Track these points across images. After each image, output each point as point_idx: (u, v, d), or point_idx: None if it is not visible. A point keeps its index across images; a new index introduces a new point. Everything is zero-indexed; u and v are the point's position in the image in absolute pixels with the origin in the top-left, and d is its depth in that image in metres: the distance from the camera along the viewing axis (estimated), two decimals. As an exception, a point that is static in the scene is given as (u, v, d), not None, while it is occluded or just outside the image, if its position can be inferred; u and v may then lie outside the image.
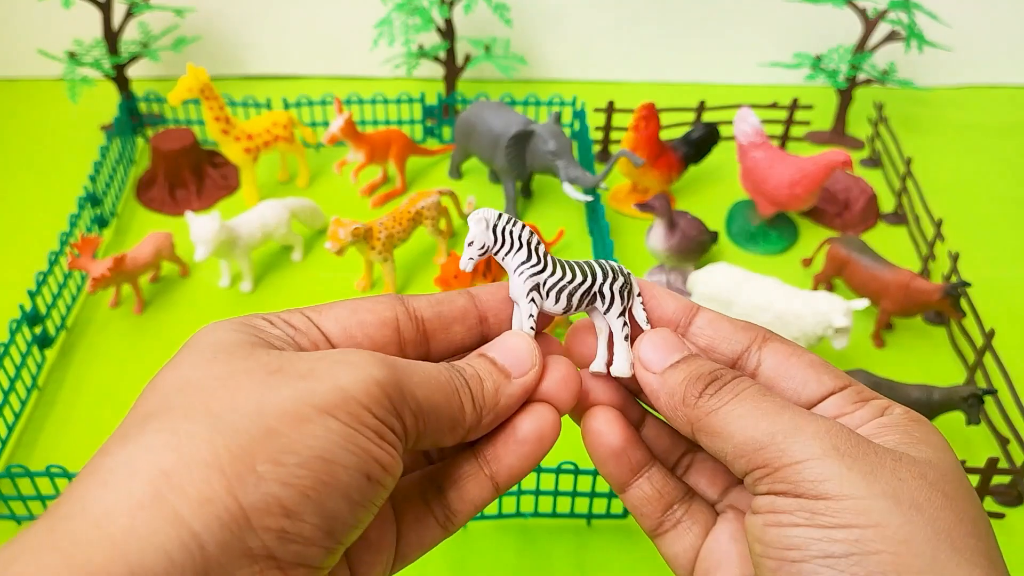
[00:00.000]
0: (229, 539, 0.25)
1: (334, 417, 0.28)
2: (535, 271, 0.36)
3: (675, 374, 0.34)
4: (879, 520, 0.28)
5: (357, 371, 0.29)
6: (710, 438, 0.33)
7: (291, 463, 0.27)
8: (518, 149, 1.17)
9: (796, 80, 1.46)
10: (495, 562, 0.83)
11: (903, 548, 0.27)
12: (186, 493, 0.25)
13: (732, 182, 1.27)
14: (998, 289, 1.12)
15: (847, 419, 0.33)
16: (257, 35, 1.54)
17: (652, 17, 1.51)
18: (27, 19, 1.49)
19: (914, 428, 0.32)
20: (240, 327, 0.31)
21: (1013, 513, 0.86)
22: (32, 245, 1.17)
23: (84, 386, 1.00)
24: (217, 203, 1.27)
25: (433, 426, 0.32)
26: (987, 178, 1.35)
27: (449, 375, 0.33)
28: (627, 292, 0.36)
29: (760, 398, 0.32)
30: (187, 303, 1.11)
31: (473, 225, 0.36)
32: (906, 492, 0.28)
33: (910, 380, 0.91)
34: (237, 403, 0.27)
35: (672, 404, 0.34)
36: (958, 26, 1.41)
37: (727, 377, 0.33)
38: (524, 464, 0.35)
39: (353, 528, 0.29)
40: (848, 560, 0.27)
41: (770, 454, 0.30)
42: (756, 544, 0.30)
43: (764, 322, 0.95)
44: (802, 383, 0.34)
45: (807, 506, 0.29)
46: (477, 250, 0.36)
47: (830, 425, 0.30)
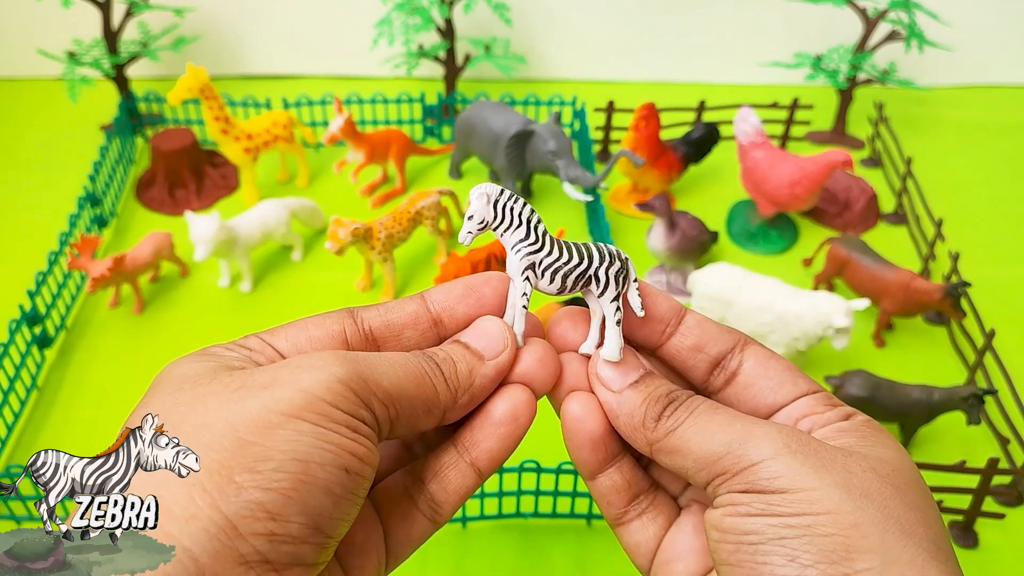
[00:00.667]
0: (220, 549, 0.26)
1: (302, 419, 0.29)
2: (532, 250, 0.36)
3: (634, 396, 0.35)
4: (830, 508, 0.29)
5: (317, 372, 0.30)
6: (670, 456, 0.34)
7: (267, 469, 0.28)
8: (518, 149, 1.17)
9: (796, 80, 1.46)
10: (495, 562, 0.83)
11: (853, 531, 0.29)
12: (172, 512, 0.27)
13: (732, 182, 1.27)
14: (998, 289, 1.12)
15: (813, 419, 0.35)
16: (257, 35, 1.54)
17: (652, 17, 1.51)
18: (26, 19, 1.49)
19: (870, 433, 0.34)
20: (200, 357, 0.32)
21: (1013, 513, 0.86)
22: (32, 245, 1.17)
23: (84, 386, 1.00)
24: (217, 203, 1.27)
25: (406, 411, 0.33)
26: (987, 178, 1.35)
27: (417, 360, 0.34)
28: (622, 277, 0.36)
29: (712, 413, 0.34)
30: (187, 303, 1.11)
31: (474, 199, 0.35)
32: (856, 483, 0.30)
33: (910, 380, 0.91)
34: (206, 422, 0.29)
35: (632, 425, 0.35)
36: (958, 26, 1.41)
37: (682, 397, 0.35)
38: (503, 446, 0.36)
39: (340, 521, 0.30)
40: (801, 540, 0.29)
41: (728, 462, 0.32)
42: (713, 531, 0.32)
43: (764, 322, 0.95)
44: (779, 383, 0.36)
45: (764, 499, 0.31)
46: (476, 224, 0.36)
47: (780, 428, 0.32)
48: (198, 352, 0.33)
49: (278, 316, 1.09)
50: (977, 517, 0.84)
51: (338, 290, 1.13)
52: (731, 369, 0.37)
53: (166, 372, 0.32)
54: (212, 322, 1.08)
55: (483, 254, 1.03)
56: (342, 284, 1.13)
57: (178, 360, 0.33)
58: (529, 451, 0.83)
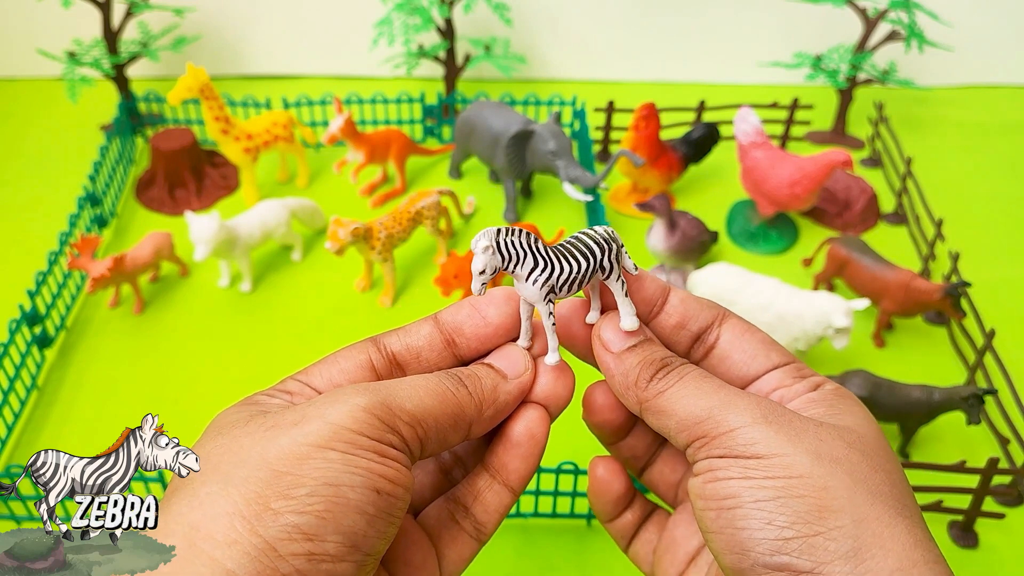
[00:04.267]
0: (261, 570, 0.28)
1: (331, 449, 0.31)
2: (547, 276, 0.37)
3: (631, 357, 0.37)
4: (802, 472, 0.32)
5: (342, 405, 0.32)
6: (656, 416, 0.36)
7: (301, 494, 0.30)
8: (518, 149, 1.17)
9: (796, 80, 1.46)
10: (495, 562, 0.83)
11: (824, 493, 0.31)
12: (214, 539, 0.29)
13: (732, 182, 1.27)
14: (998, 289, 1.12)
15: (785, 390, 0.37)
16: (257, 35, 1.54)
17: (652, 17, 1.51)
18: (26, 19, 1.49)
19: (839, 402, 0.36)
20: (242, 408, 0.35)
21: (1013, 513, 0.86)
22: (32, 245, 1.17)
23: (84, 386, 1.00)
24: (217, 203, 1.27)
25: (434, 428, 0.35)
26: (987, 178, 1.35)
27: (438, 379, 0.36)
28: (619, 255, 0.38)
29: (701, 380, 0.36)
30: (187, 303, 1.11)
31: (479, 253, 0.36)
32: (826, 449, 0.33)
33: (910, 380, 0.91)
34: (242, 459, 0.31)
35: (625, 384, 0.37)
36: (958, 26, 1.41)
37: (675, 363, 0.37)
38: (527, 464, 0.38)
39: (376, 540, 0.31)
40: (776, 503, 0.31)
41: (708, 426, 0.34)
42: (698, 500, 0.34)
43: (764, 322, 0.95)
44: (752, 356, 0.38)
45: (740, 464, 0.33)
46: (490, 276, 0.36)
47: (759, 399, 0.35)
48: (242, 401, 0.36)
49: (278, 316, 1.09)
50: (977, 517, 0.84)
51: (338, 290, 1.13)
52: (709, 343, 0.39)
53: (212, 423, 0.35)
54: (212, 322, 1.08)
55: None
56: (342, 284, 1.13)
57: (224, 411, 0.35)
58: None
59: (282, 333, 1.07)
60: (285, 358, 1.03)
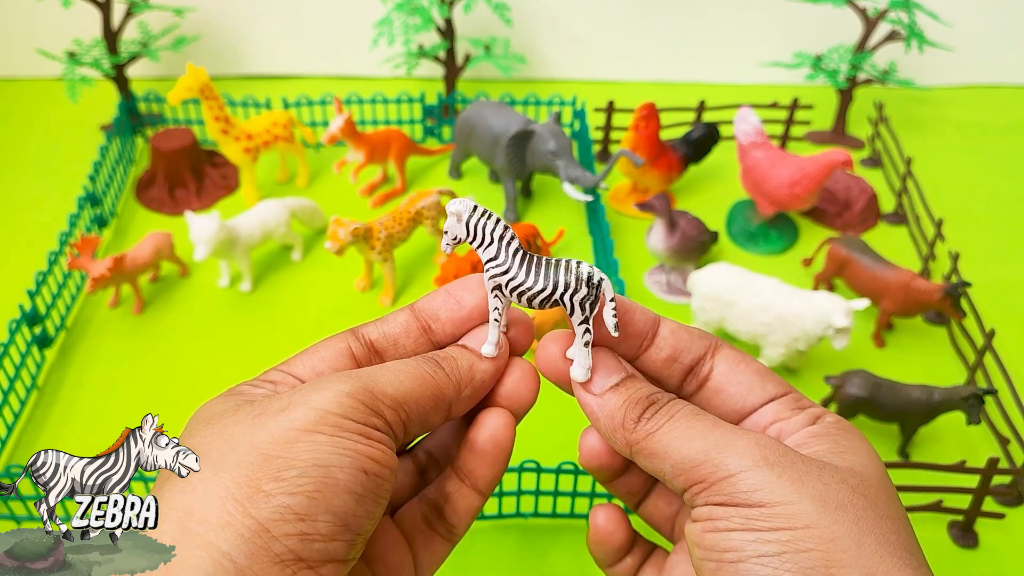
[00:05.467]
0: (255, 551, 0.29)
1: (318, 432, 0.31)
2: (499, 271, 0.36)
3: (615, 398, 0.36)
4: (808, 522, 0.30)
5: (326, 391, 0.33)
6: (648, 459, 0.35)
7: (291, 476, 0.30)
8: (518, 149, 1.17)
9: (796, 80, 1.46)
10: (495, 562, 0.83)
11: (831, 545, 0.30)
12: (208, 522, 0.29)
13: (732, 182, 1.27)
14: (998, 289, 1.12)
15: (783, 424, 0.36)
16: (257, 35, 1.54)
17: (652, 17, 1.51)
18: (26, 19, 1.49)
19: (842, 437, 0.34)
20: (227, 398, 0.35)
21: (1013, 513, 0.86)
22: (32, 245, 1.17)
23: (84, 386, 1.00)
24: (217, 203, 1.27)
25: (416, 411, 0.35)
26: (987, 178, 1.35)
27: (416, 363, 0.36)
28: (589, 304, 0.36)
29: (693, 418, 0.34)
30: (187, 303, 1.11)
31: (450, 215, 0.37)
32: (831, 495, 0.31)
33: (910, 380, 0.91)
34: (232, 446, 0.31)
35: (612, 427, 0.36)
36: (958, 26, 1.41)
37: (663, 400, 0.36)
38: (493, 469, 0.38)
39: (365, 519, 0.32)
40: (781, 558, 0.30)
41: (706, 470, 0.33)
42: (696, 549, 0.33)
43: (764, 322, 0.95)
44: (748, 388, 0.37)
45: (742, 513, 0.31)
46: (450, 239, 0.37)
47: (759, 438, 0.33)
48: (226, 392, 0.36)
49: (278, 316, 1.09)
50: (977, 517, 0.84)
51: (338, 290, 1.13)
52: (702, 375, 0.38)
53: (196, 414, 0.35)
54: (212, 322, 1.08)
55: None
56: (342, 284, 1.13)
57: (208, 402, 0.35)
58: (529, 451, 0.83)
59: (282, 333, 1.07)
60: (285, 358, 1.03)
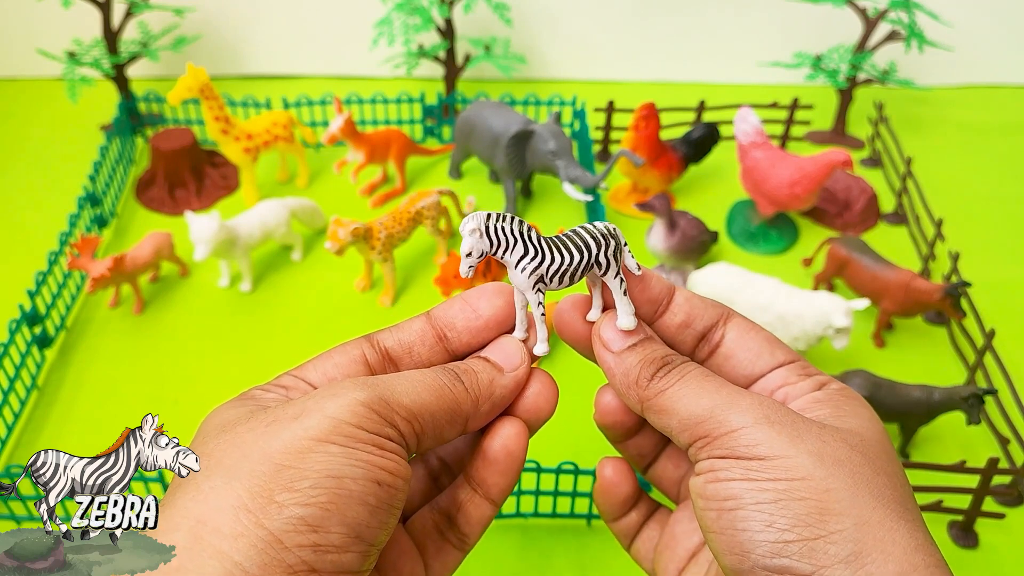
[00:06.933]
0: (268, 562, 0.29)
1: (331, 443, 0.31)
2: (536, 264, 0.37)
3: (631, 356, 0.37)
4: (804, 474, 0.32)
5: (340, 399, 0.33)
6: (658, 415, 0.36)
7: (304, 487, 0.30)
8: (518, 149, 1.17)
9: (796, 80, 1.46)
10: (495, 562, 0.83)
11: (826, 495, 0.31)
12: (221, 532, 0.29)
13: (732, 182, 1.27)
14: (998, 289, 1.12)
15: (790, 388, 0.37)
16: (257, 35, 1.54)
17: (652, 17, 1.51)
18: (26, 19, 1.49)
19: (844, 402, 0.36)
20: (238, 403, 0.35)
21: (1013, 513, 0.86)
22: (32, 245, 1.17)
23: (84, 386, 1.00)
24: (217, 203, 1.27)
25: (430, 424, 0.35)
26: (987, 178, 1.35)
27: (435, 374, 0.36)
28: (619, 252, 0.38)
29: (702, 379, 0.36)
30: (187, 303, 1.11)
31: (467, 236, 0.36)
32: (829, 451, 0.32)
33: (910, 380, 0.90)
34: (245, 454, 0.31)
35: (626, 383, 0.37)
36: (958, 26, 1.41)
37: (676, 361, 0.37)
38: (505, 479, 0.39)
39: (378, 530, 0.32)
40: (777, 505, 0.31)
41: (710, 426, 0.34)
42: (698, 499, 0.34)
43: (765, 322, 0.95)
44: (756, 354, 0.38)
45: (743, 464, 0.33)
46: (476, 259, 0.36)
47: (762, 399, 0.34)
48: (237, 397, 0.36)
49: (278, 316, 1.09)
50: (977, 517, 0.84)
51: (338, 290, 1.13)
52: (714, 341, 0.39)
53: (207, 420, 0.35)
54: (212, 322, 1.08)
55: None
56: (342, 284, 1.13)
57: (218, 407, 0.35)
58: (529, 451, 0.83)
59: (282, 333, 1.07)
60: (285, 358, 1.03)
